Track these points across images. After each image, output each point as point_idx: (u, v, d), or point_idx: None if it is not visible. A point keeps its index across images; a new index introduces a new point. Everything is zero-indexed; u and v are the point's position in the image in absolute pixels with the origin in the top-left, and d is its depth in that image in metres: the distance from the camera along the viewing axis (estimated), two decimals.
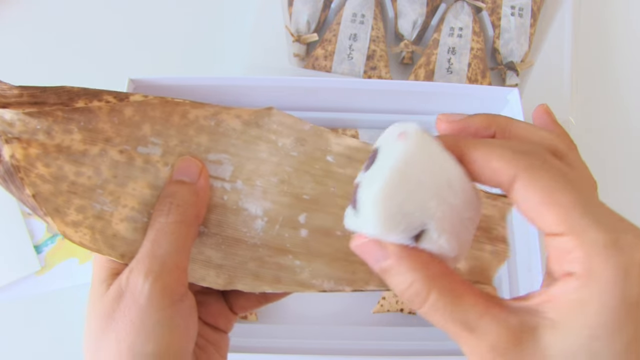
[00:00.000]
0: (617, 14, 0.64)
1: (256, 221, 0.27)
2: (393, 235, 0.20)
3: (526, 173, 0.20)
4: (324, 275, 0.26)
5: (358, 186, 0.21)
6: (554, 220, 0.19)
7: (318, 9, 0.59)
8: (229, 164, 0.27)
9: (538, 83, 0.57)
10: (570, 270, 0.19)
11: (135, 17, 0.63)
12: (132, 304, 0.24)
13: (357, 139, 0.47)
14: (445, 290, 0.20)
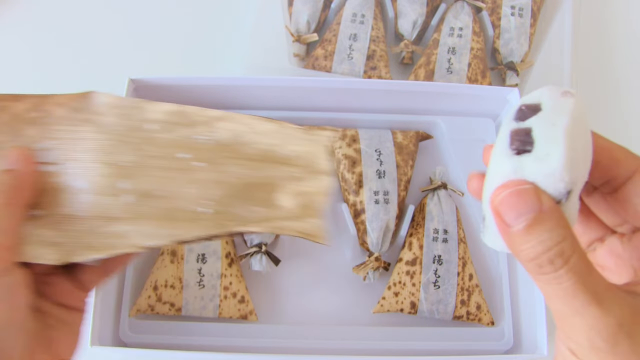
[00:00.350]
0: (617, 14, 0.65)
1: (82, 196, 0.28)
2: (564, 179, 0.20)
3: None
4: (153, 235, 0.28)
5: (532, 130, 0.21)
6: None
7: (318, 9, 0.59)
8: (57, 149, 0.29)
9: (538, 83, 0.57)
10: None
11: (135, 17, 0.63)
12: None
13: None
14: (583, 256, 0.20)
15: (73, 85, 0.60)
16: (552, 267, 0.20)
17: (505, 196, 0.21)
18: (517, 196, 0.20)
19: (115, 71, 0.60)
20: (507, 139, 0.21)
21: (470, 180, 0.24)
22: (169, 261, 0.46)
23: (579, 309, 0.20)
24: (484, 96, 0.50)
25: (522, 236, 0.20)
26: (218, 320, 0.47)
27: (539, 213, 0.20)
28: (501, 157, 0.22)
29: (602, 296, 0.20)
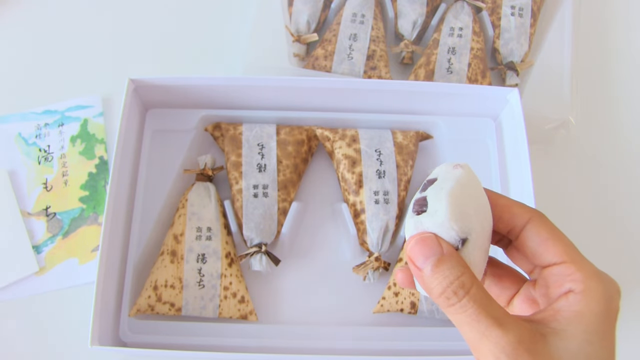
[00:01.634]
0: (617, 14, 0.64)
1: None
2: (453, 228, 0.25)
3: (537, 217, 0.28)
4: None
5: (427, 197, 0.27)
6: (559, 251, 0.26)
7: (318, 9, 0.59)
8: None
9: (538, 83, 0.57)
10: (570, 288, 0.25)
11: (135, 17, 0.63)
12: None
13: (357, 139, 0.47)
14: (482, 287, 0.25)
15: (73, 85, 0.61)
16: (456, 298, 0.24)
17: (412, 244, 0.26)
18: (421, 243, 0.26)
19: (115, 71, 0.60)
20: (411, 206, 0.27)
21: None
22: (169, 261, 0.46)
23: (484, 332, 0.24)
24: (484, 96, 0.50)
25: (430, 276, 0.25)
26: (218, 320, 0.47)
27: (440, 255, 0.25)
28: (407, 221, 0.27)
29: (502, 320, 0.24)
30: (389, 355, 0.43)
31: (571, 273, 0.26)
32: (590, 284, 0.25)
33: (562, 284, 0.26)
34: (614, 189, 0.56)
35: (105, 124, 0.58)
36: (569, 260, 0.26)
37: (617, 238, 0.54)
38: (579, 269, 0.26)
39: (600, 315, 0.25)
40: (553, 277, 0.27)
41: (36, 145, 0.56)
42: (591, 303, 0.25)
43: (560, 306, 0.25)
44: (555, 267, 0.26)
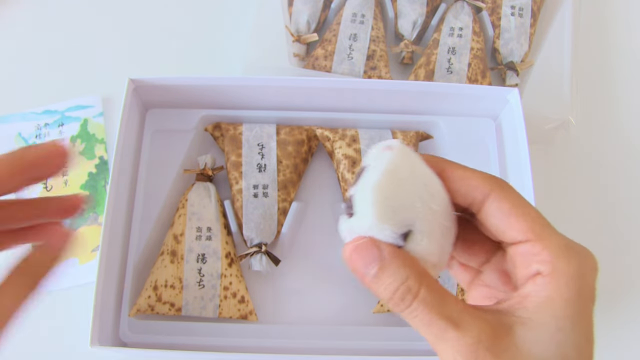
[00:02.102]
0: (617, 14, 0.64)
1: None
2: (386, 228, 0.23)
3: (499, 189, 0.24)
4: None
5: (353, 196, 0.24)
6: (523, 227, 0.23)
7: (318, 9, 0.59)
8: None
9: (538, 83, 0.57)
10: (538, 270, 0.23)
11: (135, 17, 0.63)
12: None
13: (357, 139, 0.47)
14: (432, 287, 0.23)
15: (73, 85, 0.61)
16: (405, 303, 0.22)
17: (349, 252, 0.23)
18: (357, 252, 0.23)
19: (115, 71, 0.60)
20: (343, 207, 0.24)
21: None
22: (169, 261, 0.46)
23: (438, 335, 0.22)
24: (484, 96, 0.50)
25: (374, 282, 0.23)
26: (218, 320, 0.47)
27: (380, 261, 0.23)
28: (341, 225, 0.25)
29: (457, 319, 0.22)
30: (389, 355, 0.43)
31: (537, 252, 0.23)
32: (558, 265, 0.22)
33: (529, 265, 0.23)
34: (614, 189, 0.56)
35: (105, 124, 0.58)
36: (534, 238, 0.23)
37: (617, 238, 0.54)
38: (546, 247, 0.23)
39: (572, 299, 0.22)
40: (519, 257, 0.24)
41: None
42: (561, 286, 0.22)
43: (528, 291, 0.23)
44: (521, 245, 0.24)
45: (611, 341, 0.50)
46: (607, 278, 0.51)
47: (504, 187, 0.25)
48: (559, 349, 0.22)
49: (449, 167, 0.25)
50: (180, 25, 0.63)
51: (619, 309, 0.52)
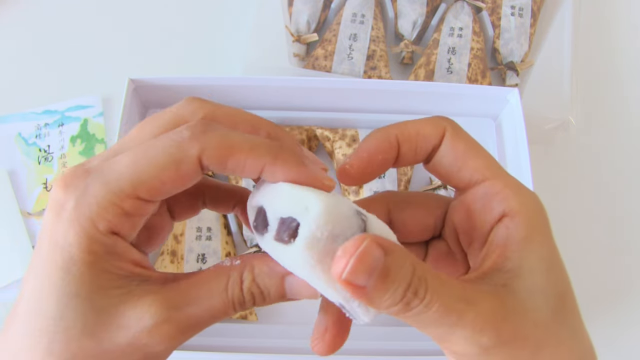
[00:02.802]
0: (617, 14, 0.64)
1: None
2: (335, 241, 0.20)
3: (453, 131, 0.24)
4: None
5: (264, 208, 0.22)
6: (480, 166, 0.23)
7: (318, 9, 0.59)
8: None
9: (538, 83, 0.57)
10: (503, 210, 0.22)
11: (135, 17, 0.63)
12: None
13: (357, 138, 0.47)
14: (432, 272, 0.20)
15: (73, 85, 0.61)
16: (418, 299, 0.19)
17: (352, 268, 0.19)
18: (368, 249, 0.19)
19: (115, 71, 0.60)
20: (274, 233, 0.21)
21: (314, 346, 0.26)
22: (169, 261, 0.46)
23: (456, 321, 0.20)
24: (484, 96, 0.50)
25: (380, 289, 0.19)
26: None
27: (382, 261, 0.19)
28: (278, 251, 0.22)
29: (468, 298, 0.20)
30: (389, 355, 0.43)
31: (498, 191, 0.22)
32: (523, 200, 0.21)
33: (492, 207, 0.22)
34: (614, 189, 0.56)
35: (105, 124, 0.58)
36: (492, 176, 0.22)
37: (618, 238, 0.54)
38: (506, 185, 0.22)
39: (545, 232, 0.21)
40: (479, 202, 0.22)
41: (36, 145, 0.56)
42: (532, 223, 0.21)
43: (502, 239, 0.21)
44: (478, 187, 0.22)
45: (611, 341, 0.50)
46: (607, 278, 0.52)
47: (456, 129, 0.24)
48: (557, 288, 0.21)
49: (402, 130, 0.24)
50: (180, 25, 0.63)
51: (619, 308, 0.52)
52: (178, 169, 0.21)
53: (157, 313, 0.20)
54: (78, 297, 0.20)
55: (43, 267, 0.20)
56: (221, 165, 0.21)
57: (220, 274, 0.22)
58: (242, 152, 0.21)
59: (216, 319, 0.22)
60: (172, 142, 0.21)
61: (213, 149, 0.21)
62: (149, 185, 0.21)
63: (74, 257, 0.20)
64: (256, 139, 0.22)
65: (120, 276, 0.21)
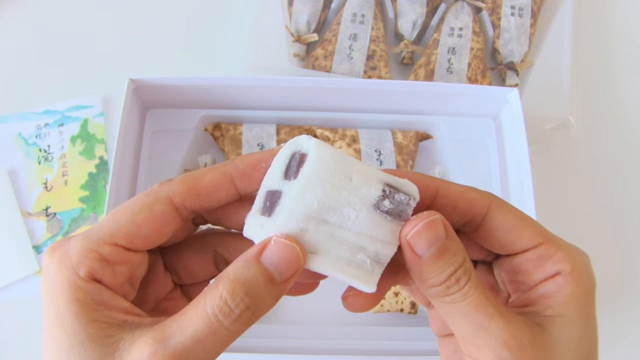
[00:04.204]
0: (617, 15, 0.65)
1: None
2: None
3: (498, 202, 0.24)
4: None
5: (281, 192, 0.23)
6: (532, 234, 0.24)
7: (318, 9, 0.59)
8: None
9: (538, 83, 0.57)
10: (558, 270, 0.23)
11: (135, 17, 0.63)
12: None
13: (357, 139, 0.47)
14: (478, 275, 0.23)
15: (73, 85, 0.61)
16: (458, 286, 0.22)
17: (416, 230, 0.22)
18: (428, 228, 0.22)
19: (115, 71, 0.60)
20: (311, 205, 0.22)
21: (346, 300, 0.26)
22: None
23: (483, 323, 0.21)
24: (484, 96, 0.50)
25: (433, 263, 0.22)
26: None
27: (443, 240, 0.22)
28: (252, 222, 0.23)
29: (501, 310, 0.22)
30: (389, 355, 0.43)
31: (553, 254, 0.23)
32: (575, 263, 0.23)
33: (545, 267, 0.24)
34: (614, 189, 0.56)
35: (105, 124, 0.58)
36: (546, 242, 0.24)
37: (618, 238, 0.54)
38: (559, 249, 0.23)
39: (590, 294, 0.23)
40: (530, 263, 0.24)
41: (36, 145, 0.56)
42: (582, 283, 0.23)
43: (549, 291, 0.23)
44: (531, 251, 0.24)
45: (611, 341, 0.50)
46: (607, 277, 0.51)
47: (501, 201, 0.25)
48: (589, 345, 0.23)
49: (444, 185, 0.25)
50: (180, 25, 0.63)
51: (619, 308, 0.52)
52: (151, 211, 0.23)
53: (146, 352, 0.20)
54: (72, 350, 0.20)
55: (46, 327, 0.21)
56: (193, 196, 0.23)
57: (199, 297, 0.21)
58: (206, 176, 0.23)
59: (203, 342, 0.20)
60: (145, 193, 0.24)
61: (179, 185, 0.23)
62: (126, 230, 0.22)
63: (62, 308, 0.21)
64: (213, 166, 0.24)
65: (111, 325, 0.21)
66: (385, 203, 0.22)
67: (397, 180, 0.23)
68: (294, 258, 0.21)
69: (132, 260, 0.23)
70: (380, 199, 0.22)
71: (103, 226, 0.23)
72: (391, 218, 0.22)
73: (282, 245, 0.21)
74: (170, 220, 0.23)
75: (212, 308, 0.20)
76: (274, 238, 0.21)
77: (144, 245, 0.23)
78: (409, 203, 0.23)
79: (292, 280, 0.22)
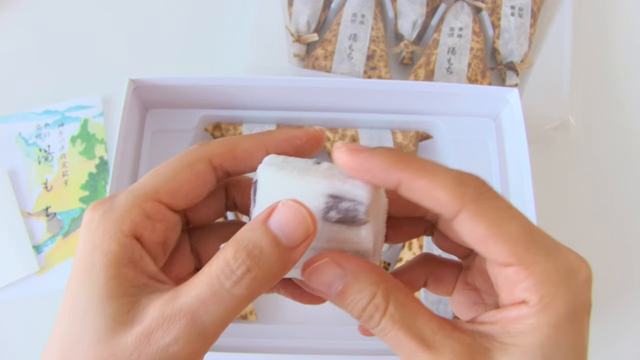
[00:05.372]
0: (617, 14, 0.65)
1: None
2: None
3: (473, 205, 0.20)
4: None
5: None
6: (504, 252, 0.20)
7: (318, 9, 0.59)
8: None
9: (538, 83, 0.57)
10: (523, 298, 0.20)
11: (135, 17, 0.63)
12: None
13: (357, 138, 0.47)
14: (401, 303, 0.21)
15: (73, 85, 0.61)
16: (373, 322, 0.21)
17: (307, 274, 0.22)
18: (317, 272, 0.21)
19: (115, 71, 0.60)
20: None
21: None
22: None
23: (410, 356, 0.20)
24: (484, 96, 0.50)
25: (339, 301, 0.21)
26: None
27: (344, 278, 0.21)
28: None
29: (431, 340, 0.20)
30: (389, 355, 0.43)
31: (522, 279, 0.20)
32: (546, 293, 0.20)
33: (513, 292, 0.21)
34: (613, 189, 0.56)
35: (105, 124, 0.58)
36: (517, 262, 0.20)
37: (617, 238, 0.54)
38: (531, 274, 0.20)
39: (562, 326, 0.20)
40: (502, 279, 0.21)
41: (36, 145, 0.56)
42: (550, 315, 0.20)
43: (512, 316, 0.21)
44: (506, 269, 0.21)
45: (611, 342, 0.50)
46: (607, 278, 0.52)
47: (478, 206, 0.21)
48: None
49: (409, 178, 0.21)
50: (181, 25, 0.63)
51: (618, 309, 0.52)
52: (192, 170, 0.23)
53: (156, 312, 0.20)
54: (91, 302, 0.20)
55: (72, 279, 0.22)
56: (231, 160, 0.24)
57: (209, 261, 0.21)
58: (245, 142, 0.24)
59: (206, 303, 0.20)
60: (184, 153, 0.24)
61: (219, 147, 0.24)
62: (168, 188, 0.23)
63: (95, 259, 0.21)
64: (252, 134, 0.25)
65: (133, 285, 0.21)
66: (332, 214, 0.22)
67: (340, 188, 0.22)
68: (300, 220, 0.21)
69: (170, 220, 0.23)
70: (325, 211, 0.22)
71: (146, 183, 0.23)
72: (347, 225, 0.22)
73: (288, 207, 0.21)
74: (208, 180, 0.24)
75: (215, 269, 0.20)
76: (282, 201, 0.21)
77: (183, 203, 0.24)
78: (357, 208, 0.22)
79: (300, 247, 0.21)
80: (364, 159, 0.21)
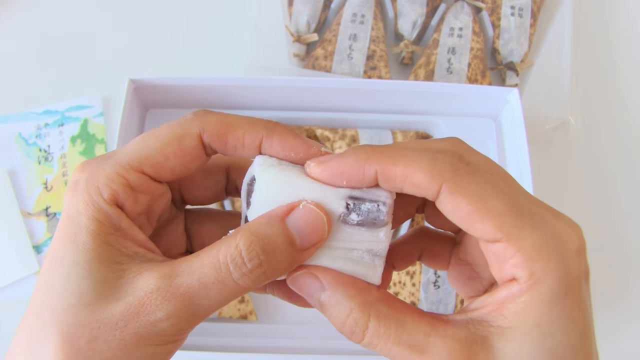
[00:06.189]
0: (617, 14, 0.64)
1: None
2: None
3: (452, 182, 0.20)
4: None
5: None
6: (489, 228, 0.20)
7: (318, 9, 0.59)
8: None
9: (538, 83, 0.57)
10: (513, 275, 0.20)
11: (136, 18, 0.63)
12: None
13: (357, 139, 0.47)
14: (383, 315, 0.20)
15: (73, 85, 0.61)
16: (357, 337, 0.21)
17: (293, 279, 0.22)
18: (301, 279, 0.22)
19: (115, 71, 0.60)
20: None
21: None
22: None
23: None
24: (484, 96, 0.50)
25: (322, 312, 0.22)
26: (218, 320, 0.47)
27: (323, 292, 0.21)
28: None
29: (422, 344, 0.20)
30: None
31: (511, 255, 0.19)
32: (536, 268, 0.19)
33: (503, 269, 0.20)
34: (613, 189, 0.56)
35: (105, 124, 0.58)
36: (504, 238, 0.19)
37: (617, 238, 0.54)
38: (519, 249, 0.19)
39: (557, 299, 0.19)
40: (491, 255, 0.21)
41: (36, 145, 0.56)
42: (543, 291, 0.19)
43: (504, 297, 0.20)
44: (494, 245, 0.20)
45: (611, 341, 0.50)
46: (607, 278, 0.52)
47: (456, 178, 0.20)
48: (552, 355, 0.19)
49: (385, 167, 0.21)
50: (181, 25, 0.63)
51: (619, 309, 0.52)
52: (180, 144, 0.22)
53: (150, 285, 0.20)
54: (78, 265, 0.20)
55: (56, 240, 0.21)
56: (221, 142, 0.23)
57: (215, 244, 0.21)
58: (240, 128, 0.22)
59: (208, 288, 0.20)
60: (176, 123, 0.23)
61: (213, 126, 0.22)
62: (154, 160, 0.22)
63: (81, 224, 0.21)
64: (252, 117, 0.23)
65: (122, 253, 0.21)
66: (353, 217, 0.22)
67: (362, 190, 0.22)
68: (319, 226, 0.21)
69: (154, 191, 0.23)
70: (345, 214, 0.22)
71: (132, 151, 0.22)
72: (366, 227, 0.22)
73: (309, 210, 0.21)
74: (197, 156, 0.23)
75: (225, 256, 0.20)
76: (304, 202, 0.21)
77: (169, 176, 0.23)
78: (380, 209, 0.21)
79: (311, 250, 0.21)
80: (335, 165, 0.21)
